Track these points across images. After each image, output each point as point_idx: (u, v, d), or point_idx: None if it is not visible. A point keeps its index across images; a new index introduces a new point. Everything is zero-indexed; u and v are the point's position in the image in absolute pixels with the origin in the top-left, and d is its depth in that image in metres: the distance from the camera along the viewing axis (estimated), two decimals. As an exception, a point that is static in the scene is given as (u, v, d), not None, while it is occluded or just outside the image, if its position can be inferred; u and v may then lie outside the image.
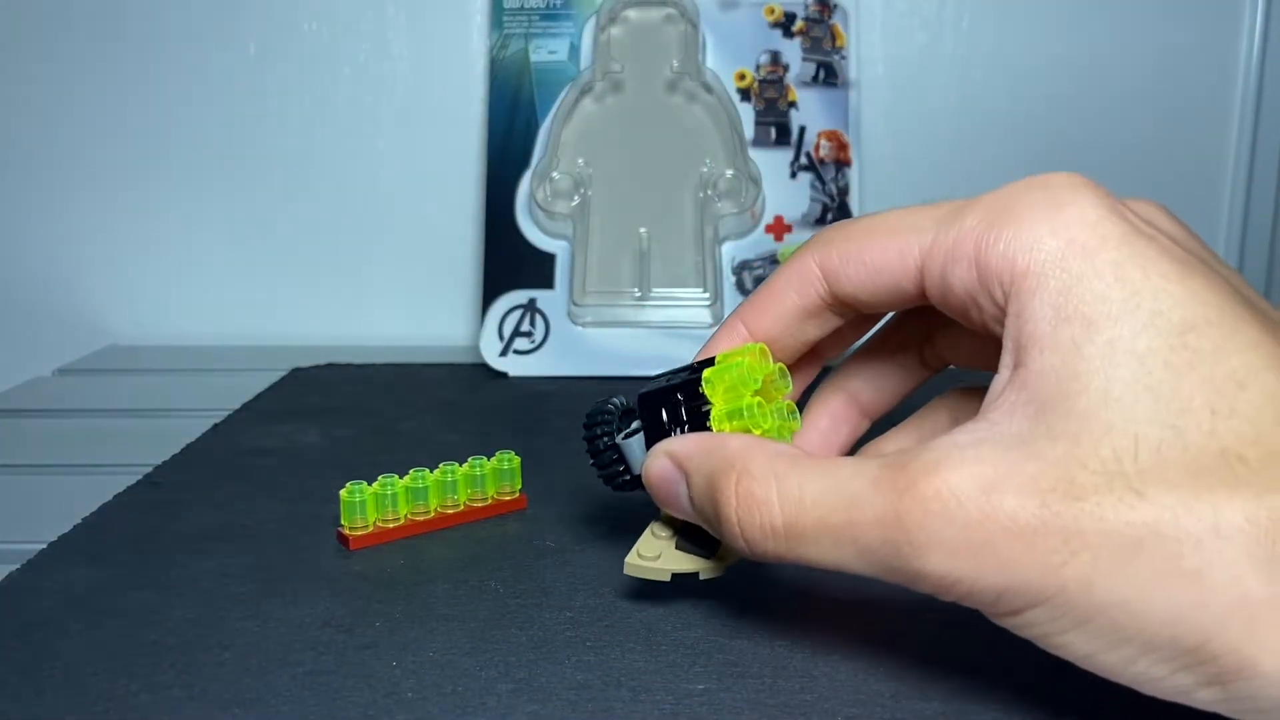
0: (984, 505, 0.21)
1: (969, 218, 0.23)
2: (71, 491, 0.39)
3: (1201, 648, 0.20)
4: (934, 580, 0.22)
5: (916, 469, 0.22)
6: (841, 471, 0.23)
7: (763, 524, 0.24)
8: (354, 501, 0.34)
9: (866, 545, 0.22)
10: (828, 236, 0.27)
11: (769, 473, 0.24)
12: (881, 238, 0.25)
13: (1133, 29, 0.64)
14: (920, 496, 0.21)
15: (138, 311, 0.66)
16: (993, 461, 0.21)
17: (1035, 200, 0.23)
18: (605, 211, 0.58)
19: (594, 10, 0.59)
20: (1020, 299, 0.22)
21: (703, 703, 0.25)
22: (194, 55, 0.64)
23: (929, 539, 0.21)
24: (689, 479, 0.26)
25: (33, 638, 0.28)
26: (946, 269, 0.24)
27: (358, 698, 0.25)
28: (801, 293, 0.27)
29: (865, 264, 0.26)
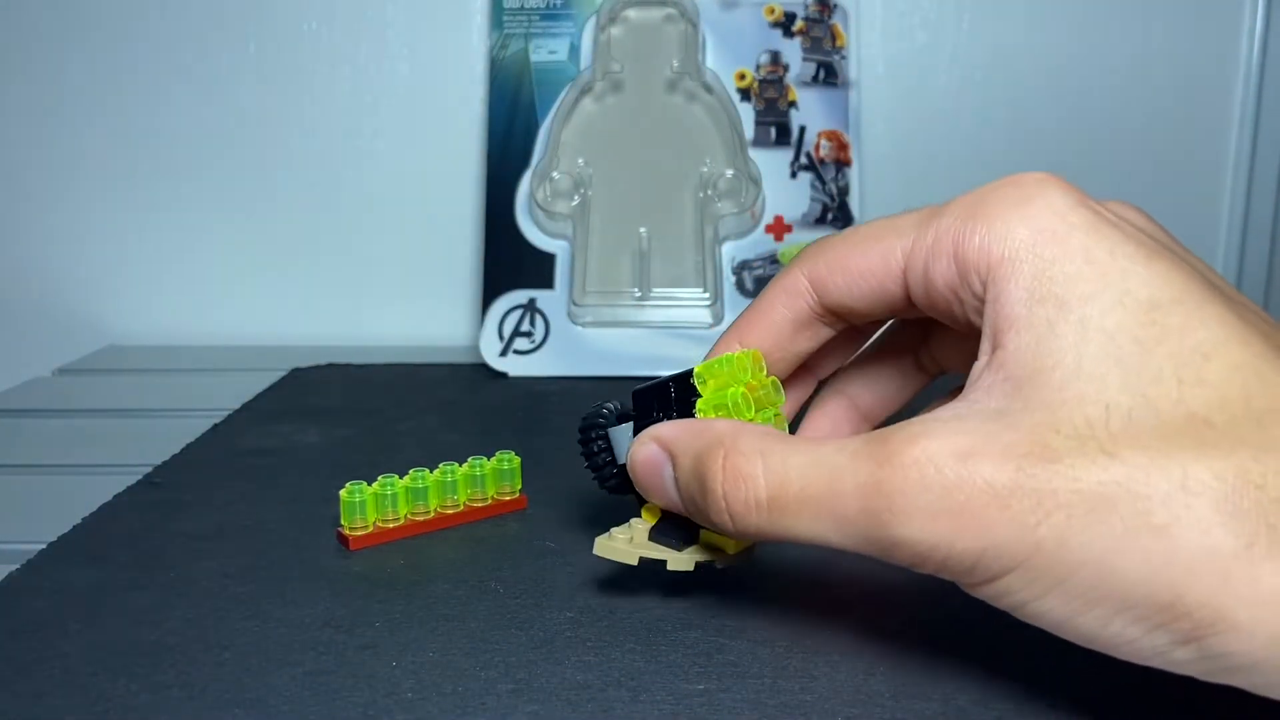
0: (961, 471, 0.21)
1: (945, 217, 0.25)
2: (71, 491, 0.39)
3: (1174, 604, 0.20)
4: (911, 547, 0.22)
5: (897, 440, 0.22)
6: (825, 448, 0.24)
7: (747, 498, 0.24)
8: (354, 501, 0.34)
9: (845, 515, 0.23)
10: (814, 249, 0.28)
11: (755, 449, 0.25)
12: (864, 244, 0.26)
13: (1133, 29, 0.64)
14: (899, 464, 0.22)
15: (138, 311, 0.66)
16: (970, 432, 0.22)
17: (1006, 195, 0.24)
18: (605, 211, 0.58)
19: (594, 10, 0.59)
20: (997, 285, 0.23)
21: (703, 703, 0.25)
22: (194, 55, 0.64)
23: (907, 505, 0.22)
24: (675, 460, 0.27)
25: (33, 638, 0.28)
26: (928, 266, 0.25)
27: (358, 698, 0.25)
28: (791, 305, 0.28)
29: (850, 270, 0.27)
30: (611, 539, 0.29)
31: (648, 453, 0.28)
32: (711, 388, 0.28)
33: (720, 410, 0.28)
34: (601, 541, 0.29)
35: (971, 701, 0.25)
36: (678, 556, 0.29)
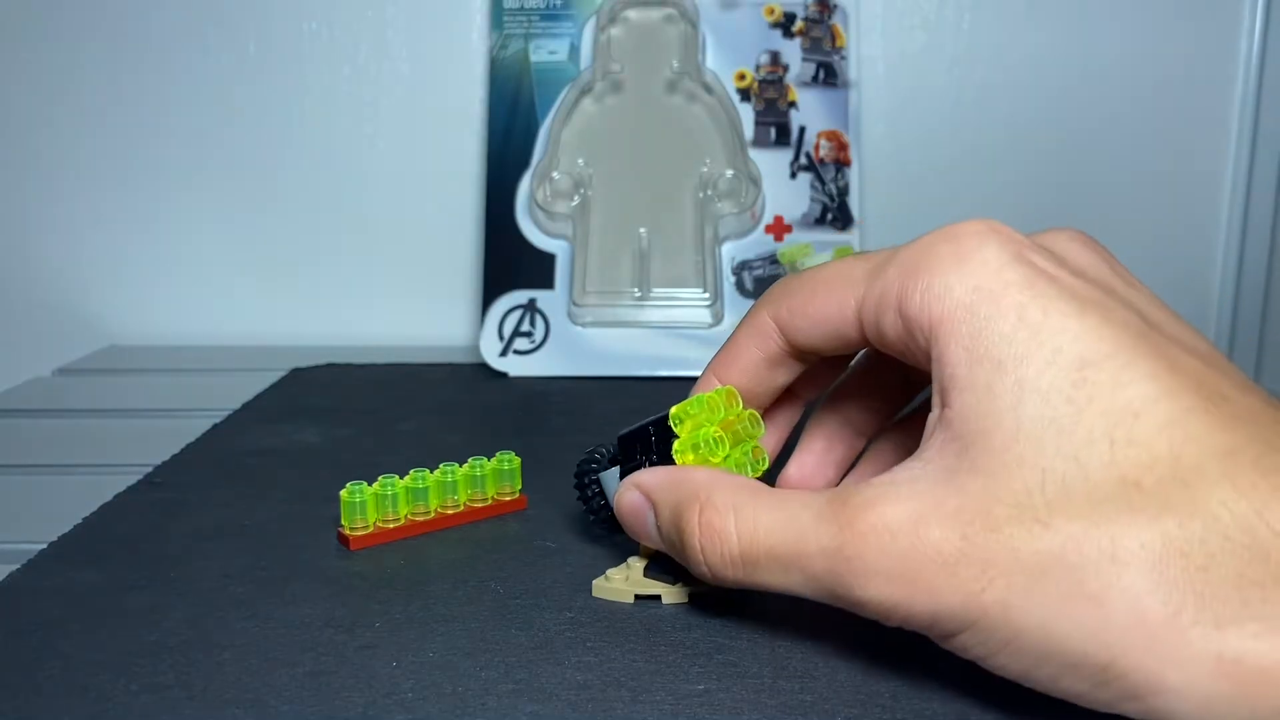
0: (913, 537, 0.23)
1: (889, 271, 0.25)
2: (71, 491, 0.39)
3: (1110, 666, 0.21)
4: (873, 607, 0.23)
5: (856, 504, 0.24)
6: (792, 505, 0.25)
7: (722, 553, 0.26)
8: (354, 502, 0.34)
9: (813, 574, 0.24)
10: (777, 292, 0.29)
11: (729, 505, 0.26)
12: (821, 293, 0.27)
13: (1132, 29, 0.64)
14: (858, 531, 0.23)
15: (138, 311, 0.66)
16: (921, 496, 0.23)
17: (943, 252, 0.24)
18: (605, 211, 0.58)
19: (594, 10, 0.59)
20: (939, 344, 0.24)
21: (703, 703, 0.25)
22: (194, 55, 0.64)
23: (866, 568, 0.23)
24: (656, 509, 0.28)
25: (33, 638, 0.28)
26: (878, 319, 0.26)
27: (358, 698, 0.25)
28: (761, 346, 0.29)
29: (810, 317, 0.28)
30: (608, 580, 0.30)
31: (631, 500, 0.29)
32: (688, 428, 0.30)
33: (696, 450, 0.29)
34: (598, 583, 0.30)
35: (971, 701, 0.25)
36: (672, 590, 0.30)
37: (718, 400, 0.29)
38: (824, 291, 0.27)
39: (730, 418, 0.30)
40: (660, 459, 0.30)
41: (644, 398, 0.51)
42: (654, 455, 0.30)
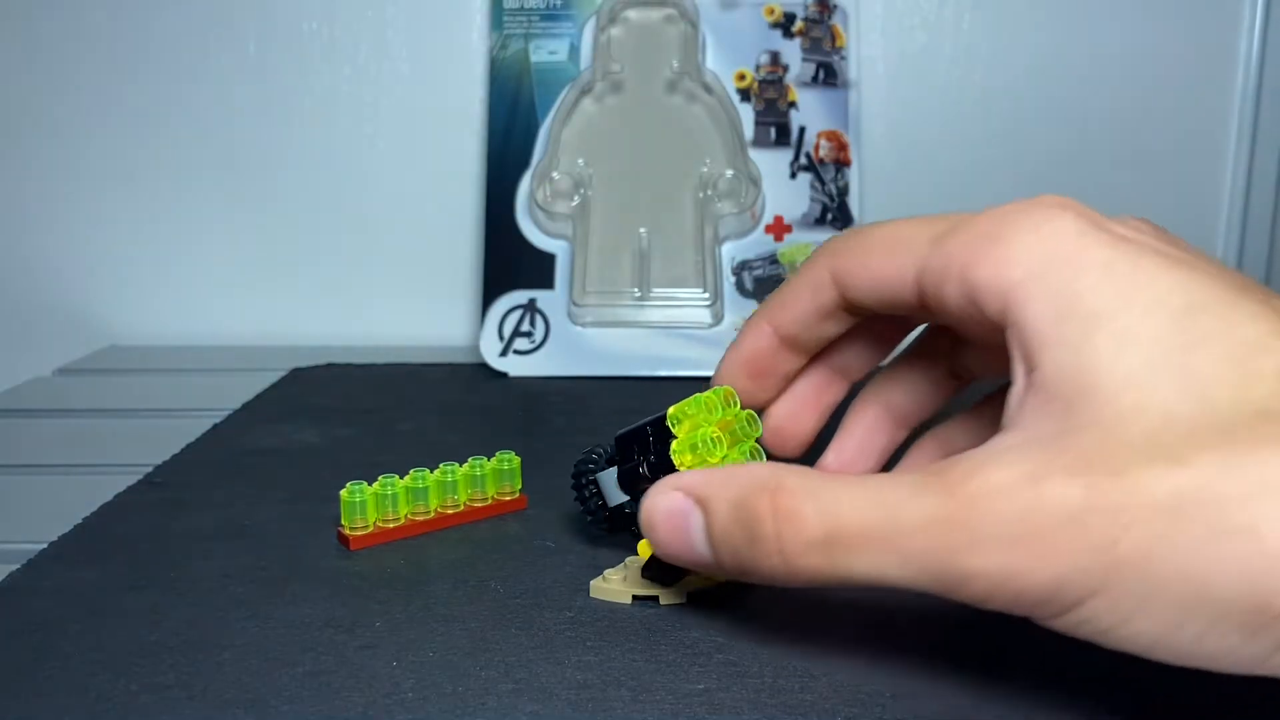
0: (1030, 496, 0.21)
1: (956, 239, 0.25)
2: (71, 491, 0.39)
3: (1267, 606, 0.19)
4: (983, 581, 0.21)
5: (959, 472, 0.22)
6: (877, 483, 0.23)
7: (803, 540, 0.23)
8: (354, 501, 0.34)
9: (910, 551, 0.22)
10: (837, 246, 0.28)
11: (803, 488, 0.23)
12: (882, 253, 0.27)
13: (1132, 29, 0.64)
14: (967, 495, 0.21)
15: (138, 311, 0.66)
16: (1031, 458, 0.21)
17: (1018, 220, 0.24)
18: (605, 211, 0.58)
19: (594, 10, 0.59)
20: (1017, 309, 0.23)
21: (703, 703, 0.25)
22: (194, 55, 0.64)
23: (976, 536, 0.21)
24: (708, 507, 0.25)
25: (33, 638, 0.28)
26: (939, 288, 0.25)
27: (358, 698, 0.25)
28: (816, 297, 0.29)
29: (870, 276, 0.27)
30: (606, 580, 0.30)
31: (670, 503, 0.26)
32: (685, 428, 0.30)
33: (694, 450, 0.29)
34: (596, 584, 0.30)
35: (971, 701, 0.25)
36: (669, 591, 0.30)
37: (715, 400, 0.29)
38: (883, 253, 0.27)
39: (728, 418, 0.30)
40: (658, 459, 0.30)
41: (644, 398, 0.51)
42: (651, 456, 0.30)
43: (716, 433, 0.29)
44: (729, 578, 0.26)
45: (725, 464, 0.29)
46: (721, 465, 0.29)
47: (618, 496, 0.31)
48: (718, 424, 0.29)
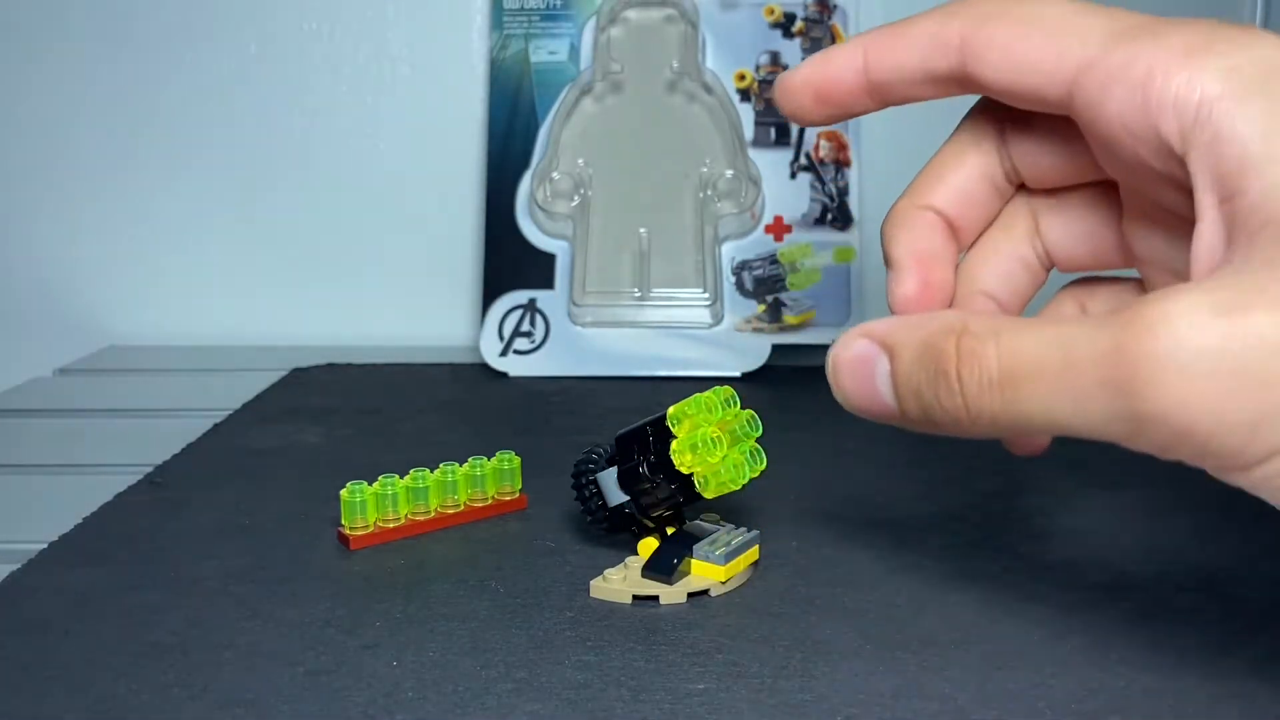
0: (1226, 328, 0.18)
1: (1145, 44, 0.22)
2: (71, 491, 0.39)
3: None
4: (1164, 424, 0.19)
5: (1142, 304, 0.19)
6: (1062, 323, 0.21)
7: (981, 378, 0.22)
8: (354, 501, 0.34)
9: (1084, 389, 0.20)
10: (984, 10, 0.24)
11: (989, 328, 0.22)
12: (1040, 35, 0.23)
13: (1133, 29, 0.64)
14: (1147, 323, 0.19)
15: (138, 311, 0.66)
16: (1232, 287, 0.19)
17: (1221, 35, 0.21)
18: (605, 211, 0.58)
19: (594, 10, 0.59)
20: (1214, 124, 0.20)
21: (703, 703, 0.25)
22: (194, 55, 0.64)
23: (1158, 371, 0.19)
24: (895, 352, 0.24)
25: (33, 638, 0.28)
26: (1106, 90, 0.22)
27: (358, 698, 0.25)
28: (931, 58, 0.25)
29: (1015, 56, 0.24)
30: (606, 580, 0.30)
31: (857, 349, 0.25)
32: (685, 428, 0.30)
33: (694, 450, 0.29)
34: (596, 584, 0.30)
35: (971, 701, 0.25)
36: (670, 590, 0.30)
37: (715, 400, 0.29)
38: (1044, 35, 0.23)
39: (728, 417, 0.30)
40: (658, 459, 0.30)
41: (644, 398, 0.51)
42: (651, 455, 0.30)
43: (716, 432, 0.29)
44: (914, 428, 0.25)
45: (727, 463, 0.29)
46: (720, 465, 0.29)
47: (618, 496, 0.31)
48: (717, 424, 0.29)
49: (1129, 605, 0.29)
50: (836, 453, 0.43)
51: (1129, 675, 0.26)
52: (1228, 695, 0.25)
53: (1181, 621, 0.28)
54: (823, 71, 0.27)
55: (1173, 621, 0.28)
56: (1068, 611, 0.29)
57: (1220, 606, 0.29)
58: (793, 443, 0.43)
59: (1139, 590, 0.30)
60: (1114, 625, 0.28)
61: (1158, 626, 0.28)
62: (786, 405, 0.49)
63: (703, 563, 0.30)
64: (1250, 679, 0.25)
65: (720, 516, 0.33)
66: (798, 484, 0.39)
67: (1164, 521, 0.35)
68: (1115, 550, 0.33)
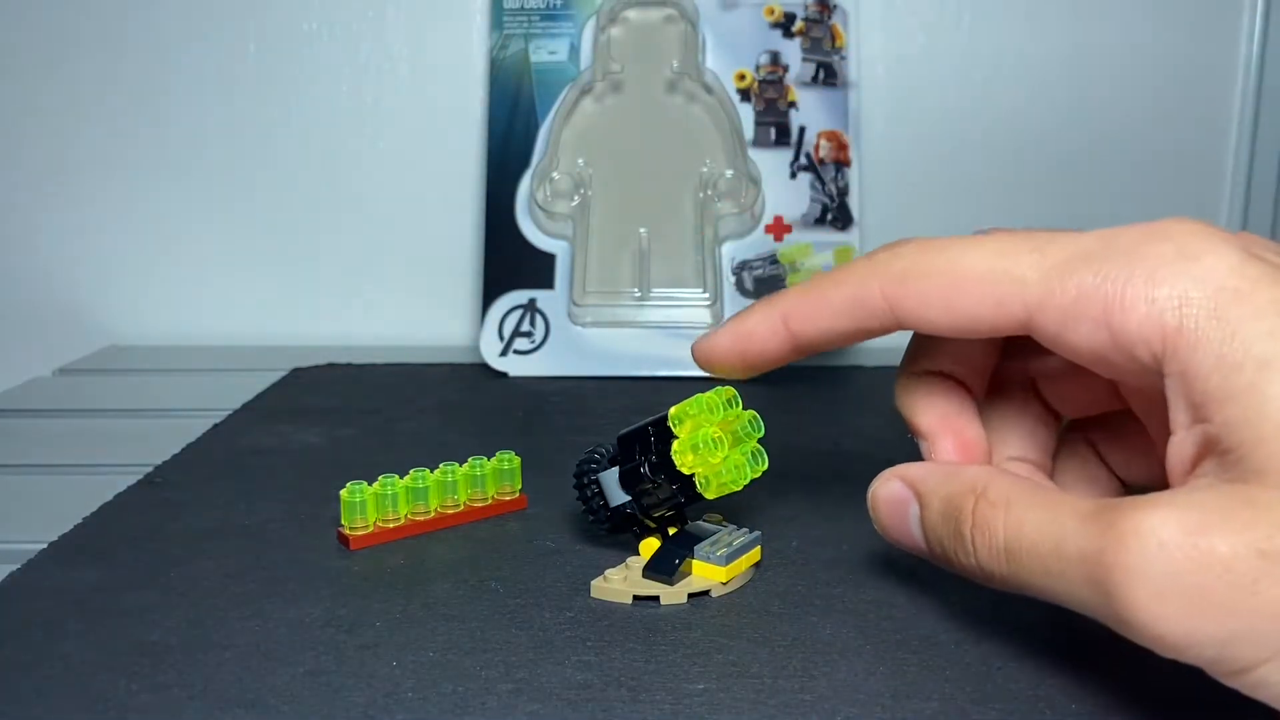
0: (1190, 550, 0.19)
1: (1085, 274, 0.22)
2: (71, 491, 0.39)
3: None
4: (1142, 634, 0.20)
5: (1123, 507, 0.21)
6: (1061, 505, 0.23)
7: (991, 544, 0.24)
8: (354, 501, 0.34)
9: (1073, 581, 0.22)
10: (899, 269, 0.25)
11: (1003, 499, 0.24)
12: (971, 285, 0.24)
13: (1132, 29, 0.64)
14: (1120, 534, 0.20)
15: (138, 311, 0.66)
16: (1199, 506, 0.20)
17: (1164, 253, 0.22)
18: (605, 211, 0.58)
19: (594, 10, 0.59)
20: (1179, 358, 0.21)
21: (703, 703, 0.25)
22: (194, 55, 0.64)
23: (1130, 583, 0.20)
24: (924, 500, 0.26)
25: (33, 638, 0.28)
26: (1066, 328, 0.23)
27: (358, 698, 0.25)
28: (860, 319, 0.26)
29: (950, 310, 0.25)
30: (606, 580, 0.30)
31: (892, 491, 0.27)
32: (687, 428, 0.30)
33: (695, 450, 0.29)
34: (597, 584, 0.30)
35: (971, 701, 0.25)
36: (670, 591, 0.30)
37: (717, 401, 0.29)
38: (974, 285, 0.24)
39: (729, 418, 0.30)
40: (659, 459, 0.30)
41: (644, 398, 0.51)
42: (653, 455, 0.30)
43: (718, 433, 0.29)
44: (939, 565, 0.27)
45: (728, 464, 0.29)
46: (722, 465, 0.29)
47: (619, 496, 0.31)
48: (719, 424, 0.29)
49: (1129, 605, 0.29)
50: (836, 453, 0.43)
51: (1129, 675, 0.26)
52: (1227, 695, 0.25)
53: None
54: (746, 343, 0.29)
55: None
56: (1067, 611, 0.29)
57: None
58: (793, 443, 0.43)
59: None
60: (1114, 625, 0.28)
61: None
62: (787, 405, 0.49)
63: (704, 563, 0.30)
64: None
65: (723, 517, 0.33)
66: (798, 484, 0.39)
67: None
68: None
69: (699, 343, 0.30)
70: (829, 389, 0.53)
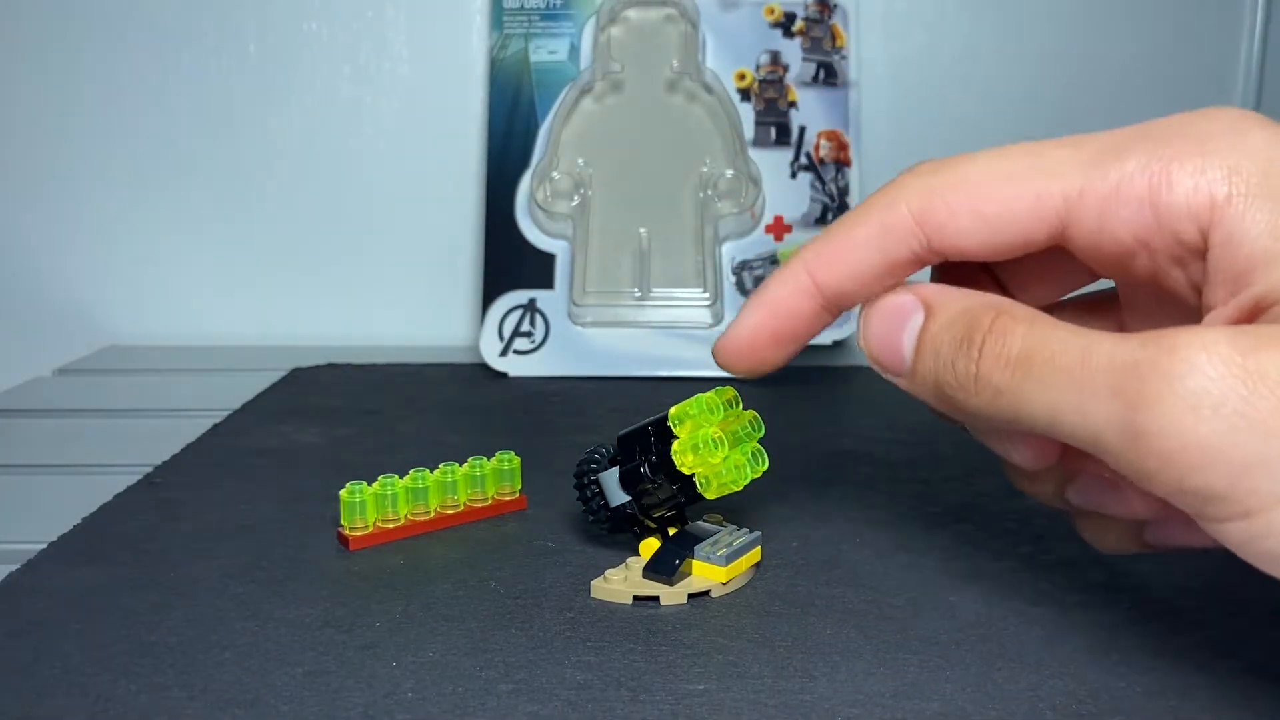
0: (1238, 367, 0.19)
1: (1130, 159, 0.22)
2: (71, 491, 0.39)
3: None
4: (1158, 442, 0.19)
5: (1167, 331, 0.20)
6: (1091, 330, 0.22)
7: (1001, 351, 0.22)
8: (354, 501, 0.34)
9: (1091, 390, 0.20)
10: (925, 183, 0.25)
11: (1027, 315, 0.23)
12: (1004, 186, 0.24)
13: (1133, 29, 0.64)
14: (1167, 346, 0.19)
15: (138, 311, 0.66)
16: (1255, 334, 0.19)
17: (1212, 130, 0.22)
18: (605, 211, 0.58)
19: (594, 10, 0.59)
20: (1226, 226, 0.21)
21: (703, 703, 0.25)
22: (194, 55, 0.64)
23: (1166, 390, 0.19)
24: (933, 310, 0.24)
25: (33, 638, 0.28)
26: (1107, 215, 0.23)
27: (358, 698, 0.25)
28: (888, 248, 0.25)
29: (983, 216, 0.24)
30: (606, 581, 0.30)
31: (899, 301, 0.25)
32: (687, 429, 0.30)
33: (696, 450, 0.29)
34: (597, 584, 0.30)
35: (971, 701, 0.25)
36: (670, 591, 0.30)
37: (717, 401, 0.29)
38: (1008, 185, 0.23)
39: (729, 418, 0.30)
40: (659, 459, 0.30)
41: (644, 398, 0.51)
42: (653, 455, 0.30)
43: (718, 433, 0.29)
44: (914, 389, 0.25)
45: (728, 464, 0.29)
46: (722, 465, 0.29)
47: (619, 496, 0.31)
48: (719, 425, 0.29)
49: (1129, 605, 0.29)
50: (836, 453, 0.43)
51: (1129, 675, 0.26)
52: (1228, 695, 0.25)
53: (1181, 621, 0.28)
54: (772, 311, 0.27)
55: (1173, 621, 0.28)
56: (1068, 611, 0.29)
57: (1220, 607, 0.29)
58: (793, 443, 0.43)
59: (1139, 590, 0.30)
60: (1114, 625, 0.28)
61: (1158, 626, 0.28)
62: (787, 406, 0.49)
63: (704, 564, 0.30)
64: (1250, 679, 0.25)
65: (723, 517, 0.33)
66: (798, 484, 0.39)
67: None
68: (1115, 550, 0.33)
69: (721, 341, 0.28)
70: (829, 389, 0.53)
